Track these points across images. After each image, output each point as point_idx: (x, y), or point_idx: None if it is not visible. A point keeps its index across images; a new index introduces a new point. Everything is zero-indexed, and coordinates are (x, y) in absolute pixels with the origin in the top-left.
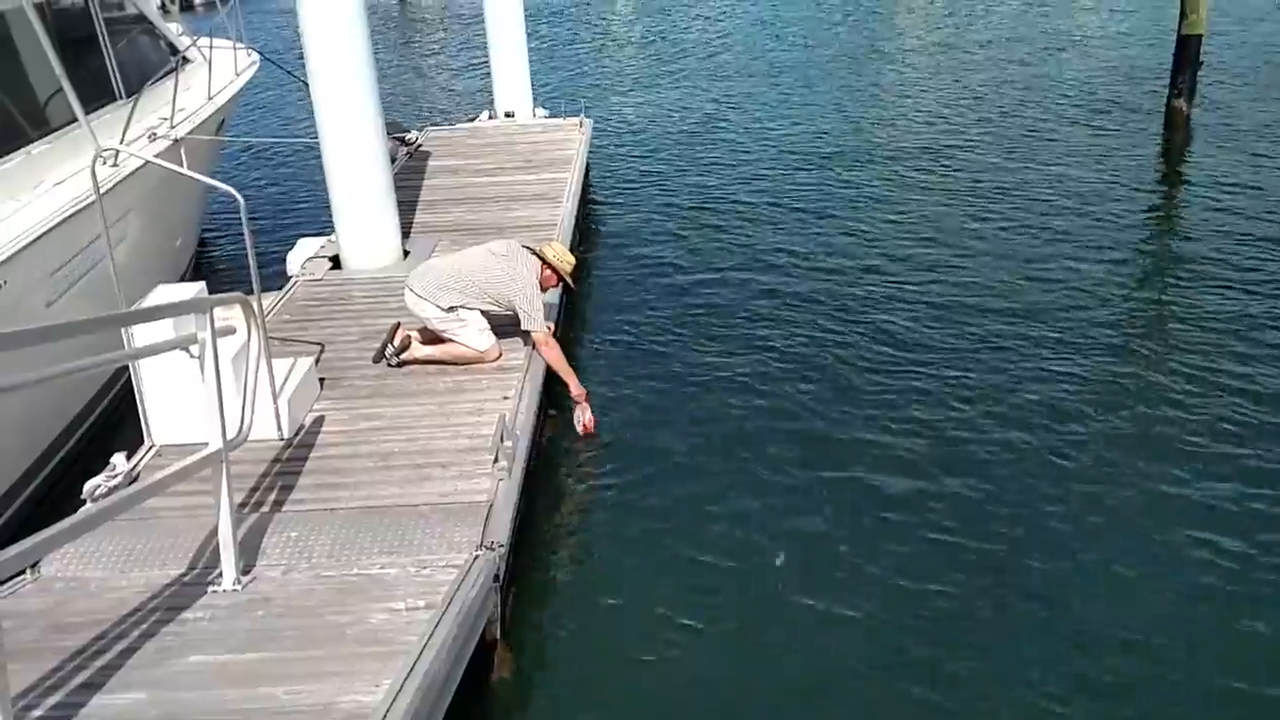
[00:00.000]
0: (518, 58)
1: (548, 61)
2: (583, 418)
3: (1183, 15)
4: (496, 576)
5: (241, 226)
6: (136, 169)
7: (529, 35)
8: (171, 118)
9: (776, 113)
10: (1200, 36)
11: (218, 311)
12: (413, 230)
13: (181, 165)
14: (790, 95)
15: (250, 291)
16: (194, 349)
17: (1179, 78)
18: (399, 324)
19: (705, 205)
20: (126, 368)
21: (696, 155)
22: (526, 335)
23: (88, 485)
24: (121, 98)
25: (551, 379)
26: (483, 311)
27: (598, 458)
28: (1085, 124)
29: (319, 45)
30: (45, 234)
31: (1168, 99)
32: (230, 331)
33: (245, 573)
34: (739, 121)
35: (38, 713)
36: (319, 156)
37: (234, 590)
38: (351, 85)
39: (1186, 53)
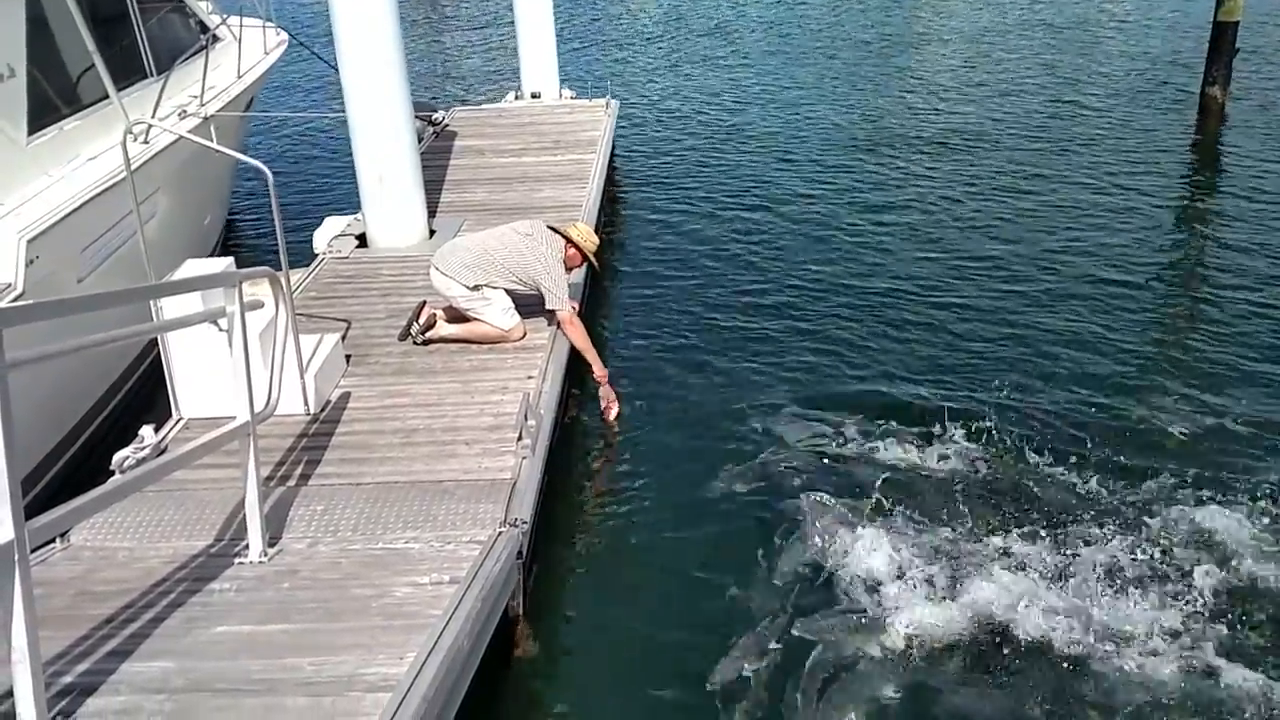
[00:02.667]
0: (545, 38)
1: (575, 42)
2: (606, 398)
3: (1219, 1)
4: (519, 553)
5: (269, 204)
6: (167, 146)
7: (556, 16)
8: (201, 95)
9: (804, 96)
10: (1236, 23)
11: (245, 286)
12: (439, 209)
13: (211, 142)
14: (818, 79)
15: (278, 267)
16: (222, 323)
17: (1214, 65)
18: (424, 302)
19: (730, 186)
20: (156, 342)
21: (722, 137)
22: (551, 315)
23: (116, 457)
24: (153, 75)
25: (575, 358)
26: (507, 290)
27: (621, 437)
28: (1118, 112)
29: (348, 24)
30: (76, 210)
31: (1202, 87)
32: (258, 306)
33: (271, 545)
34: (765, 104)
35: (67, 679)
36: (346, 135)
37: (260, 562)
38: (380, 64)
39: (1222, 40)
